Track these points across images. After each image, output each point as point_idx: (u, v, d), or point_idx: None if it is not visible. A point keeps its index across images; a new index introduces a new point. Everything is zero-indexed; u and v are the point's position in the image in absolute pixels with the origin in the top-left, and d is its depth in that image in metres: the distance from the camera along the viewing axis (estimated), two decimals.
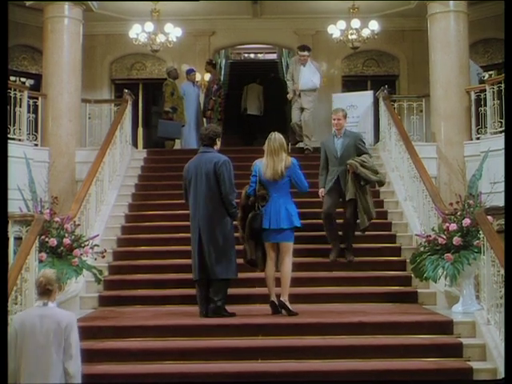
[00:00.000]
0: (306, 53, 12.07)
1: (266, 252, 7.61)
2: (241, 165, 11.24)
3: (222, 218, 7.50)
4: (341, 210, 9.10)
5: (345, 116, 9.20)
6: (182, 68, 14.86)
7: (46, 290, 5.17)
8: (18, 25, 13.50)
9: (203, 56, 15.56)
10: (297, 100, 12.24)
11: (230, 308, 7.55)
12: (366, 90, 14.70)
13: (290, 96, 12.34)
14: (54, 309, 5.19)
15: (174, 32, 13.93)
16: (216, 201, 7.51)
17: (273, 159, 7.52)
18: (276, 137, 7.63)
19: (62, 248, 7.58)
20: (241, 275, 8.05)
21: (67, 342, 5.06)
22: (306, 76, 12.09)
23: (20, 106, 11.55)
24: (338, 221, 9.09)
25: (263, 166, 7.58)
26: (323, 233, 9.08)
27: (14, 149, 9.77)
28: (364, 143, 9.29)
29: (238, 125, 16.34)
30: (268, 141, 7.62)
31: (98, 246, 8.29)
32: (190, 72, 14.38)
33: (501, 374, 5.98)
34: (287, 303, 7.43)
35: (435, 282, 7.90)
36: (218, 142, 7.77)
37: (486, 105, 11.66)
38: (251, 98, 16.90)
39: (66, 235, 7.72)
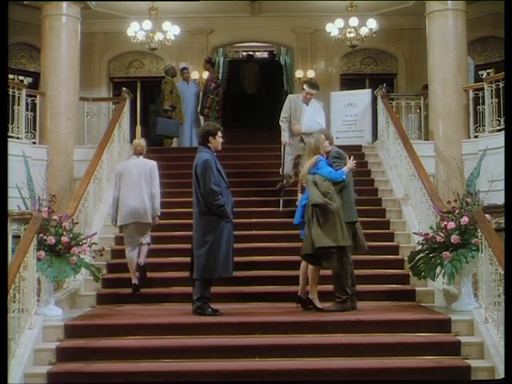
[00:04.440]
0: (314, 91, 10.16)
1: None
2: (239, 163, 11.28)
3: (204, 218, 7.38)
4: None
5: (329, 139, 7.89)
6: (179, 66, 14.84)
7: (140, 151, 8.75)
8: (16, 23, 13.48)
9: (201, 54, 15.53)
10: (293, 144, 10.24)
11: (228, 307, 7.58)
12: (365, 88, 14.70)
13: (284, 140, 10.22)
14: (143, 159, 8.76)
15: (172, 30, 13.89)
16: (199, 201, 7.45)
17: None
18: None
19: (60, 246, 7.58)
20: (240, 274, 8.08)
21: (151, 177, 8.56)
22: (312, 116, 10.17)
23: (18, 104, 11.53)
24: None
25: None
26: None
27: (12, 147, 9.64)
28: (339, 158, 7.81)
29: (236, 125, 16.31)
30: None
31: (96, 244, 8.30)
32: (184, 70, 14.34)
33: (498, 372, 5.98)
34: (314, 301, 7.61)
35: (433, 280, 7.91)
36: (213, 140, 7.56)
37: (484, 103, 11.64)
38: (248, 78, 17.08)
39: (65, 233, 7.72)
